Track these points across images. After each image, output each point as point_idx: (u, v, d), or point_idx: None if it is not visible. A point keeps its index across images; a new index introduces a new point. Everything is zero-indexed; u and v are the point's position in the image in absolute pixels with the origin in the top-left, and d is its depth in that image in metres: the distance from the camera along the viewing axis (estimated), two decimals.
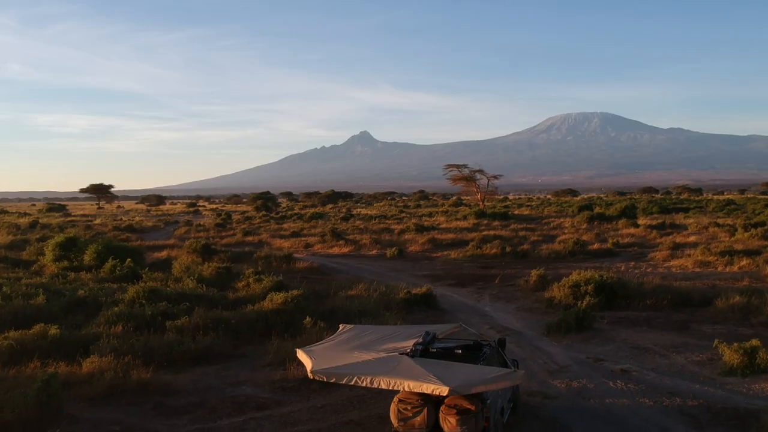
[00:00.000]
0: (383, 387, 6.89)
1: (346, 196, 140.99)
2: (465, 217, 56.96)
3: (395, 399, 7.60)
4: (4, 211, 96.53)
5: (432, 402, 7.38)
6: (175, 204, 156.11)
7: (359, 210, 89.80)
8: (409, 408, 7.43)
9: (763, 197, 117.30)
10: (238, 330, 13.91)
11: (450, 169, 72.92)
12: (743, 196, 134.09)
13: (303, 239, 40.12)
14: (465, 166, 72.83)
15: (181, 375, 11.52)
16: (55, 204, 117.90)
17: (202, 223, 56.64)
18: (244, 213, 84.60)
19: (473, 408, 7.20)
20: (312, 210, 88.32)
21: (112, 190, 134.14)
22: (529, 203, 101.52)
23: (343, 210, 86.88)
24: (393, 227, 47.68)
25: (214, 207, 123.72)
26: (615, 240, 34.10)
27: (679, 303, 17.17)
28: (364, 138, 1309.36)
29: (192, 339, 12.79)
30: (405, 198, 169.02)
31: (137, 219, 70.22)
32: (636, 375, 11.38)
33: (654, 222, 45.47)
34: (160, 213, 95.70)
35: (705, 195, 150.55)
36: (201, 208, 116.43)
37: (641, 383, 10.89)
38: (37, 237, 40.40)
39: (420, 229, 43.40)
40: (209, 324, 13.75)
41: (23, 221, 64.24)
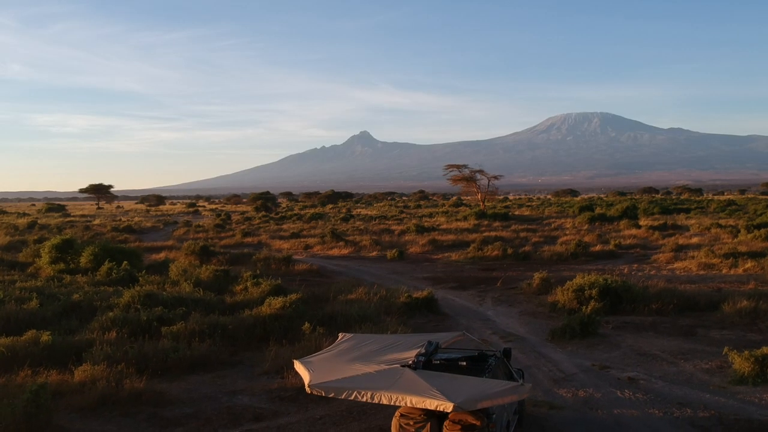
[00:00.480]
0: (384, 402, 6.57)
1: (346, 196, 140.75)
2: (465, 218, 56.66)
3: (397, 414, 7.28)
4: (3, 212, 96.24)
5: (435, 417, 7.05)
6: (175, 204, 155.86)
7: (359, 210, 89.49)
8: (412, 423, 7.10)
9: (764, 197, 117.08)
10: (235, 336, 13.58)
11: (450, 170, 72.47)
12: (744, 196, 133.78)
13: (302, 240, 39.82)
14: (465, 166, 72.38)
15: (176, 383, 11.20)
16: (55, 204, 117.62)
17: (201, 224, 56.33)
18: (243, 213, 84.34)
19: (478, 423, 6.87)
20: (312, 210, 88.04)
21: (111, 190, 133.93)
22: (530, 203, 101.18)
23: (343, 210, 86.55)
24: (393, 228, 47.39)
25: (213, 207, 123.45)
26: (617, 241, 33.78)
27: (685, 307, 16.85)
28: (364, 138, 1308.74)
29: (188, 345, 12.46)
30: (405, 198, 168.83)
31: (136, 219, 69.92)
32: (644, 384, 11.06)
33: (655, 223, 45.14)
34: (159, 213, 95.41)
35: (705, 195, 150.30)
36: (200, 208, 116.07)
37: (650, 392, 10.57)
38: (35, 238, 40.07)
39: (420, 230, 43.09)
40: (206, 330, 13.42)
41: (22, 222, 63.94)
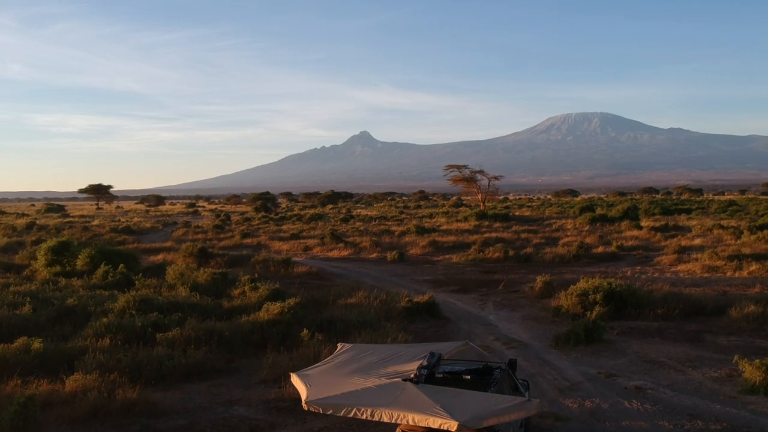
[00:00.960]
0: (385, 420, 6.26)
1: (345, 196, 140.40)
2: (466, 219, 56.33)
3: (398, 430, 6.98)
4: (2, 212, 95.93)
5: None
6: (175, 204, 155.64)
7: (359, 211, 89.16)
8: None
9: (764, 198, 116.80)
10: (231, 342, 13.25)
11: (450, 170, 72.19)
12: (744, 196, 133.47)
13: (302, 242, 39.50)
14: (465, 166, 72.11)
15: (170, 392, 10.89)
16: (54, 204, 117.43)
17: (200, 225, 56.01)
18: (243, 214, 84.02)
19: None
20: (312, 211, 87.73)
21: (111, 190, 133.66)
22: (530, 204, 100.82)
23: (343, 211, 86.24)
24: (393, 229, 47.07)
25: (213, 207, 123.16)
26: (619, 243, 33.44)
27: (691, 312, 16.51)
28: (364, 138, 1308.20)
29: (183, 353, 12.14)
30: (405, 198, 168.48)
31: (135, 220, 69.59)
32: (652, 393, 10.75)
33: (657, 224, 44.79)
34: (159, 213, 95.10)
35: (706, 195, 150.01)
36: (200, 208, 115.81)
37: (658, 403, 10.26)
38: (33, 239, 39.79)
39: (421, 231, 42.77)
40: (202, 336, 13.10)
41: (20, 222, 63.68)
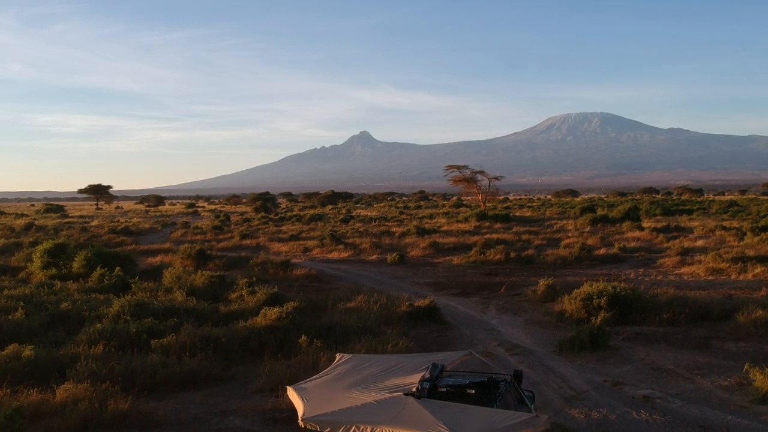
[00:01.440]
0: None
1: (345, 196, 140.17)
2: (466, 219, 56.04)
3: None
4: (1, 212, 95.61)
5: None
6: (174, 204, 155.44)
7: (359, 211, 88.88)
8: None
9: (765, 198, 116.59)
10: (228, 349, 12.93)
11: (451, 170, 71.97)
12: (745, 197, 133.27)
13: (302, 243, 39.18)
14: (466, 166, 71.92)
15: (164, 402, 10.58)
16: (54, 205, 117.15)
17: (199, 225, 55.69)
18: (243, 214, 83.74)
19: None
20: (311, 211, 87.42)
21: (111, 190, 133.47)
22: (530, 204, 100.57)
23: (343, 211, 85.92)
24: (393, 230, 46.76)
25: (213, 208, 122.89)
26: (621, 244, 33.12)
27: (698, 317, 16.19)
28: (364, 138, 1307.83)
29: (178, 360, 11.83)
30: (405, 198, 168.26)
31: (135, 220, 69.27)
32: (660, 403, 10.43)
33: (659, 224, 44.49)
34: (158, 214, 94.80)
35: (706, 196, 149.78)
36: (200, 208, 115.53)
37: (667, 413, 9.94)
38: (31, 240, 39.47)
39: (421, 232, 42.47)
40: (197, 342, 12.78)
41: (19, 223, 63.39)
